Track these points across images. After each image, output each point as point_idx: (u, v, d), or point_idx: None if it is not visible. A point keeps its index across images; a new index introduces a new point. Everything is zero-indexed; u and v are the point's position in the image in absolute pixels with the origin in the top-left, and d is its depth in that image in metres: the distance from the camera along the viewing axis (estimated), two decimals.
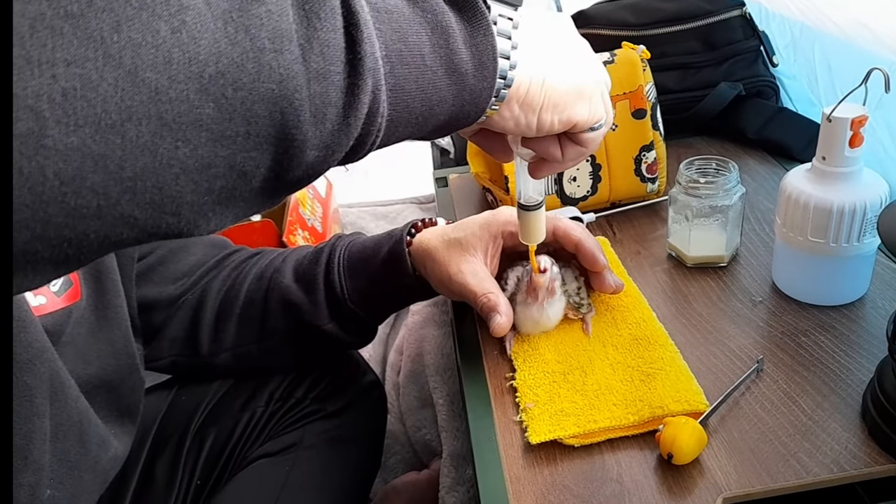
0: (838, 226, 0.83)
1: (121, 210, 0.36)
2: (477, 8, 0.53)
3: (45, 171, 0.32)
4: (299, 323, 0.92)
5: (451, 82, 0.52)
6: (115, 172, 0.34)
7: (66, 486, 0.72)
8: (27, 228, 0.33)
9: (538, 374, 0.84)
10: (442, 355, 1.30)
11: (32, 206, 0.32)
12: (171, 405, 0.97)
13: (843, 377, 0.79)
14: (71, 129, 0.32)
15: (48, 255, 0.35)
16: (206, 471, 0.92)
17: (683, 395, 0.77)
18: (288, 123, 0.40)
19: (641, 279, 1.00)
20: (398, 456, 1.29)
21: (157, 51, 0.34)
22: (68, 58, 0.32)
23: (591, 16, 1.43)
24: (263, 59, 0.38)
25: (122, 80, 0.33)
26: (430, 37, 0.50)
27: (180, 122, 0.36)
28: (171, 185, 0.37)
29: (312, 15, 0.41)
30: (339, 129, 0.44)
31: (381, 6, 0.48)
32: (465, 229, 0.89)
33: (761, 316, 0.90)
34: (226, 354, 0.94)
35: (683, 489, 0.70)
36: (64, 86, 0.32)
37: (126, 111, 0.34)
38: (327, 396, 0.99)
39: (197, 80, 0.36)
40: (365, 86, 0.44)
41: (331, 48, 0.42)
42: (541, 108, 0.60)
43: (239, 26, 0.37)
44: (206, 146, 0.37)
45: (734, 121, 1.35)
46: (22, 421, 0.65)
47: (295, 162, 0.42)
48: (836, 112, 0.80)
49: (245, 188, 0.41)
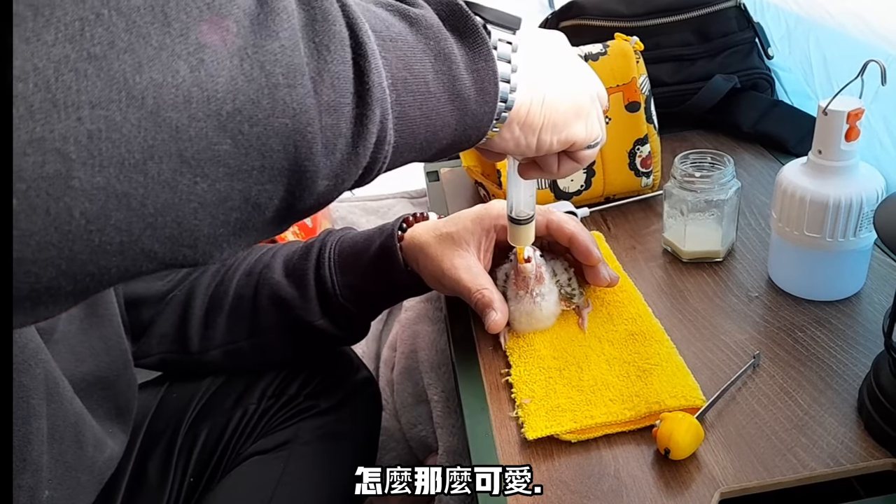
0: (834, 220, 0.83)
1: (141, 245, 0.36)
2: (478, 34, 0.54)
3: (72, 211, 0.33)
4: (290, 319, 0.91)
5: (454, 108, 0.53)
6: (138, 209, 0.35)
7: (63, 487, 0.72)
8: (53, 266, 0.34)
9: (534, 370, 0.83)
10: (436, 351, 1.29)
11: (59, 245, 0.33)
12: (162, 402, 0.96)
13: (839, 372, 0.79)
14: (96, 169, 0.33)
15: (70, 289, 0.35)
16: (199, 468, 0.91)
17: (680, 391, 0.77)
18: (301, 156, 0.41)
19: (636, 274, 0.99)
20: (393, 452, 1.29)
21: (177, 90, 0.35)
22: (93, 100, 0.32)
23: (583, 6, 1.42)
24: (278, 94, 0.39)
25: (144, 121, 0.34)
26: (434, 63, 0.51)
27: (199, 159, 0.36)
28: (189, 219, 0.38)
29: (322, 47, 0.42)
30: (349, 159, 0.45)
31: (386, 34, 0.48)
32: (458, 224, 0.89)
33: (757, 311, 0.90)
34: (216, 351, 0.94)
35: (681, 484, 0.69)
36: (89, 128, 0.32)
37: (148, 150, 0.34)
38: (321, 393, 0.99)
39: (215, 118, 0.37)
40: (373, 116, 0.45)
41: (341, 80, 0.43)
42: (540, 128, 0.62)
43: (254, 63, 0.38)
44: (223, 181, 0.38)
45: (729, 114, 1.35)
46: (20, 422, 0.65)
47: (307, 192, 0.43)
48: (832, 105, 0.80)
49: (258, 218, 0.42)
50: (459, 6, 0.54)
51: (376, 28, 0.48)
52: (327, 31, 0.42)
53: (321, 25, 0.42)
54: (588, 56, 1.13)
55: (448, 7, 0.54)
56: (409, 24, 0.51)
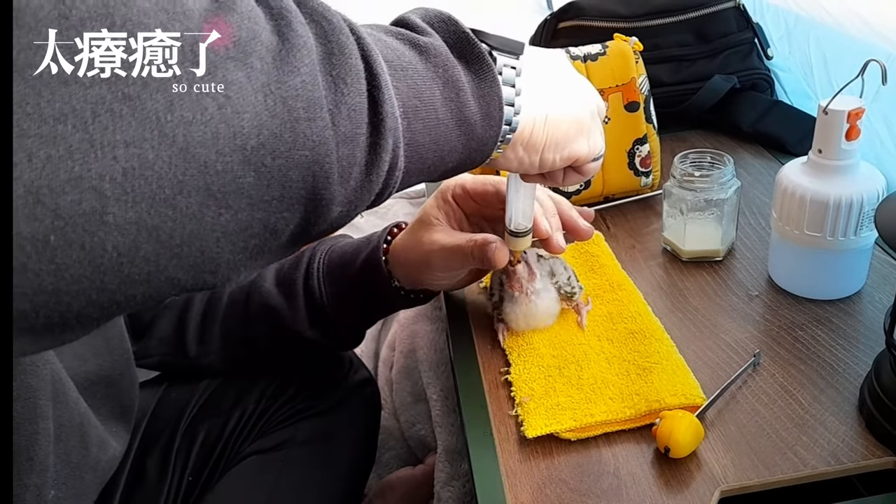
0: (835, 219, 0.83)
1: (167, 274, 0.38)
2: (484, 61, 0.55)
3: (105, 245, 0.34)
4: (280, 328, 0.91)
5: (461, 133, 0.54)
6: (166, 241, 0.37)
7: (68, 487, 0.72)
8: (83, 296, 0.35)
9: (533, 369, 0.83)
10: (435, 350, 1.29)
11: (91, 277, 0.35)
12: (161, 401, 0.96)
13: (839, 371, 0.79)
14: (129, 205, 0.34)
15: (97, 316, 0.37)
16: (198, 467, 0.91)
17: (680, 389, 0.77)
18: (318, 185, 0.42)
19: (636, 273, 0.99)
20: (392, 451, 1.29)
21: (205, 127, 0.36)
22: (127, 139, 0.34)
23: (582, 7, 1.43)
24: (298, 128, 0.40)
25: (175, 157, 0.36)
26: (442, 91, 0.52)
27: (224, 192, 0.38)
28: (212, 247, 0.39)
29: (339, 80, 0.43)
30: (363, 186, 0.46)
31: (398, 64, 0.50)
32: (423, 209, 0.88)
33: (757, 310, 0.90)
34: (213, 357, 0.94)
35: (681, 482, 0.69)
36: (124, 166, 0.34)
37: (178, 185, 0.36)
38: (319, 393, 0.99)
39: (241, 152, 0.38)
40: (386, 145, 0.46)
41: (357, 112, 0.44)
42: (543, 147, 0.63)
43: (277, 98, 0.39)
44: (245, 211, 0.39)
45: (728, 114, 1.35)
46: (27, 423, 0.65)
47: (322, 219, 0.45)
48: (832, 104, 0.80)
49: (274, 243, 0.43)
50: (466, 34, 0.55)
51: (388, 58, 0.49)
52: (344, 63, 0.44)
53: (338, 59, 0.43)
54: (587, 56, 1.13)
55: (455, 34, 0.55)
56: (419, 52, 0.52)
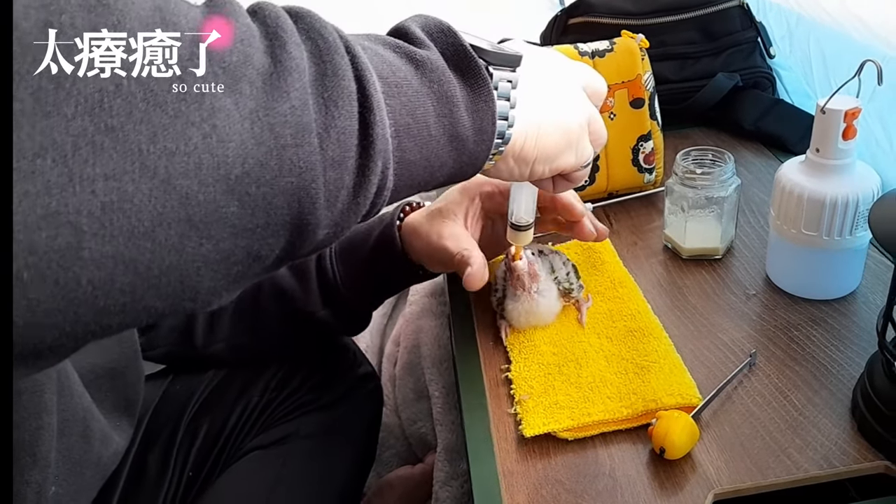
0: (831, 218, 0.83)
1: (144, 304, 0.37)
2: (480, 75, 0.55)
3: (80, 279, 0.33)
4: (292, 311, 0.92)
5: (452, 149, 0.54)
6: (144, 273, 0.36)
7: (69, 483, 0.72)
8: (56, 328, 0.34)
9: (533, 366, 0.84)
10: (439, 346, 1.29)
11: (64, 311, 0.34)
12: (164, 395, 0.97)
13: (833, 372, 0.80)
14: (107, 239, 0.33)
15: (72, 345, 0.36)
16: (199, 462, 0.91)
17: (677, 389, 0.77)
18: (304, 211, 0.41)
19: (637, 270, 1.00)
20: (393, 450, 1.29)
21: (188, 158, 0.35)
22: (108, 172, 0.33)
23: (592, 4, 1.43)
24: (285, 154, 0.39)
25: (155, 190, 0.34)
26: (436, 107, 0.52)
27: (206, 222, 0.37)
28: (192, 277, 0.38)
29: (331, 103, 0.42)
30: (349, 209, 0.45)
31: (392, 79, 0.49)
32: (446, 197, 0.90)
33: (754, 309, 0.91)
34: (220, 345, 0.94)
35: (675, 484, 0.70)
36: (103, 200, 0.33)
37: (157, 217, 0.35)
38: (322, 387, 0.99)
39: (224, 182, 0.37)
40: (375, 167, 0.45)
41: (346, 135, 0.43)
42: (534, 160, 0.63)
43: (265, 126, 0.38)
44: (227, 240, 0.38)
45: (731, 112, 1.35)
46: (32, 418, 0.65)
47: (307, 242, 0.44)
48: (829, 104, 0.80)
49: (258, 268, 0.42)
50: (465, 48, 0.55)
51: (382, 74, 0.48)
52: (336, 85, 0.43)
53: (331, 80, 0.43)
54: (595, 53, 1.13)
55: (453, 47, 0.55)
56: (415, 66, 0.52)
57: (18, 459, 0.65)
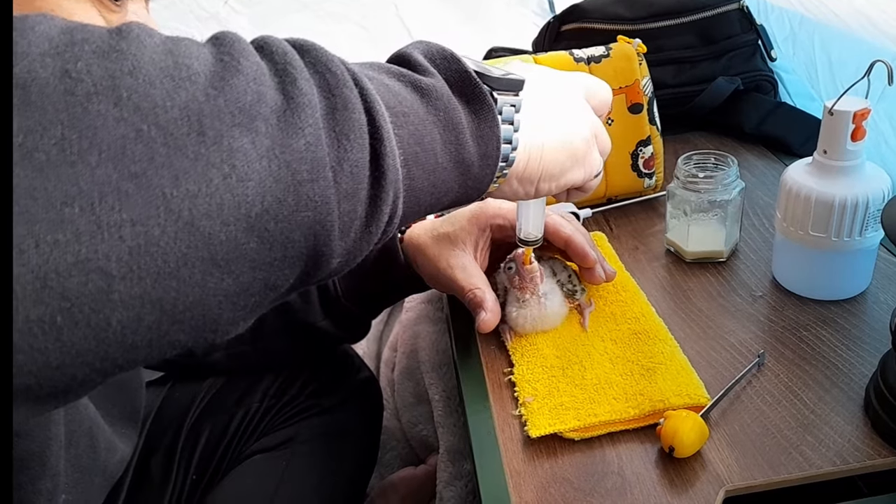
0: (840, 220, 0.82)
1: (169, 338, 0.38)
2: (485, 101, 0.55)
3: (111, 321, 0.34)
4: (292, 322, 0.92)
5: (458, 174, 0.54)
6: (170, 311, 0.36)
7: (78, 491, 0.73)
8: (87, 366, 0.35)
9: (536, 369, 0.83)
10: (437, 351, 1.29)
11: (95, 351, 0.34)
12: (165, 401, 0.97)
13: (844, 371, 0.79)
14: (135, 282, 0.34)
15: (100, 380, 0.37)
16: (202, 467, 0.91)
17: (684, 389, 0.76)
18: (319, 243, 0.42)
19: (640, 275, 0.99)
20: (394, 452, 1.29)
21: (210, 199, 0.36)
22: (134, 218, 0.34)
23: (585, 9, 1.43)
24: (302, 190, 0.40)
25: (180, 232, 0.35)
26: (442, 134, 0.52)
27: (228, 259, 0.38)
28: (213, 310, 0.39)
29: (343, 136, 0.43)
30: (362, 238, 0.46)
31: (399, 109, 0.49)
32: (454, 223, 0.89)
33: (761, 311, 0.90)
34: (219, 354, 0.95)
35: (685, 482, 0.69)
36: (130, 245, 0.34)
37: (182, 258, 0.36)
38: (322, 393, 0.99)
39: (245, 220, 0.38)
40: (387, 197, 0.46)
41: (359, 167, 0.44)
42: (539, 179, 0.63)
43: (281, 163, 0.39)
44: (246, 273, 0.39)
45: (732, 116, 1.35)
46: (40, 428, 0.66)
47: (321, 272, 0.45)
48: (837, 105, 0.80)
49: (273, 296, 0.43)
50: (469, 74, 0.55)
51: (390, 104, 0.48)
52: (347, 119, 0.43)
53: (341, 114, 0.43)
54: (591, 59, 1.13)
55: (457, 73, 0.55)
56: (421, 95, 0.52)
57: (29, 469, 0.66)
